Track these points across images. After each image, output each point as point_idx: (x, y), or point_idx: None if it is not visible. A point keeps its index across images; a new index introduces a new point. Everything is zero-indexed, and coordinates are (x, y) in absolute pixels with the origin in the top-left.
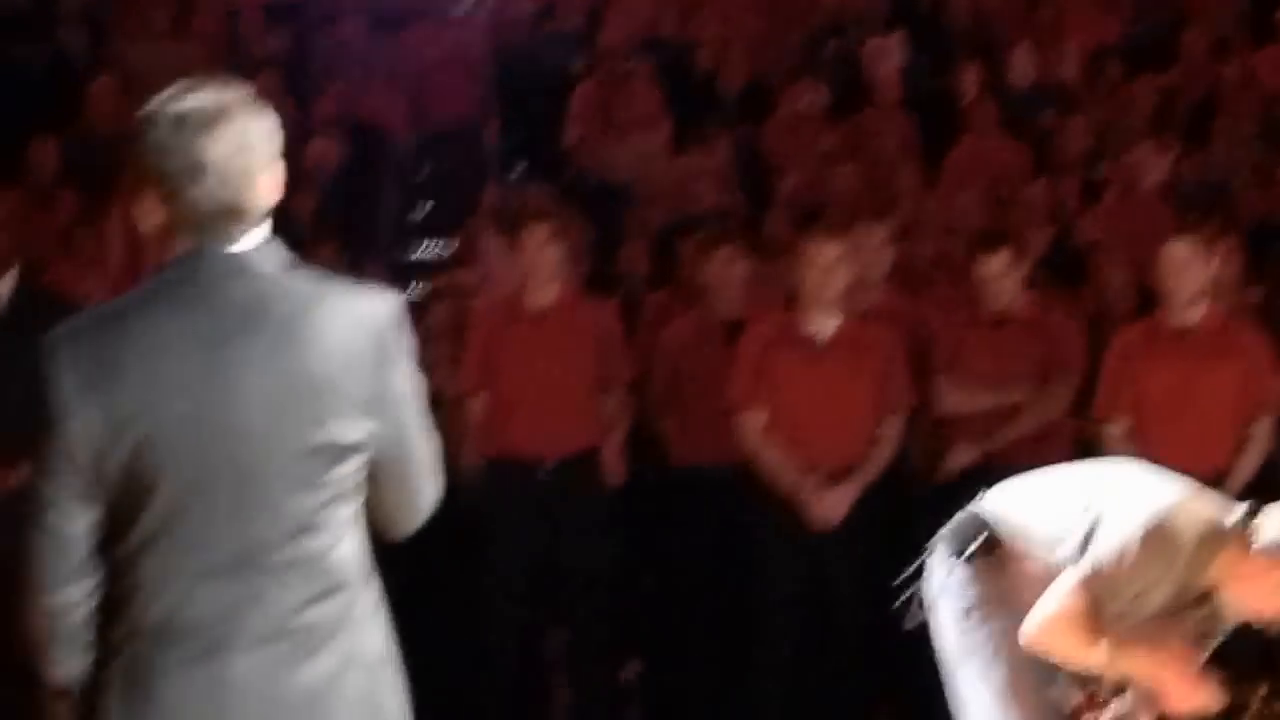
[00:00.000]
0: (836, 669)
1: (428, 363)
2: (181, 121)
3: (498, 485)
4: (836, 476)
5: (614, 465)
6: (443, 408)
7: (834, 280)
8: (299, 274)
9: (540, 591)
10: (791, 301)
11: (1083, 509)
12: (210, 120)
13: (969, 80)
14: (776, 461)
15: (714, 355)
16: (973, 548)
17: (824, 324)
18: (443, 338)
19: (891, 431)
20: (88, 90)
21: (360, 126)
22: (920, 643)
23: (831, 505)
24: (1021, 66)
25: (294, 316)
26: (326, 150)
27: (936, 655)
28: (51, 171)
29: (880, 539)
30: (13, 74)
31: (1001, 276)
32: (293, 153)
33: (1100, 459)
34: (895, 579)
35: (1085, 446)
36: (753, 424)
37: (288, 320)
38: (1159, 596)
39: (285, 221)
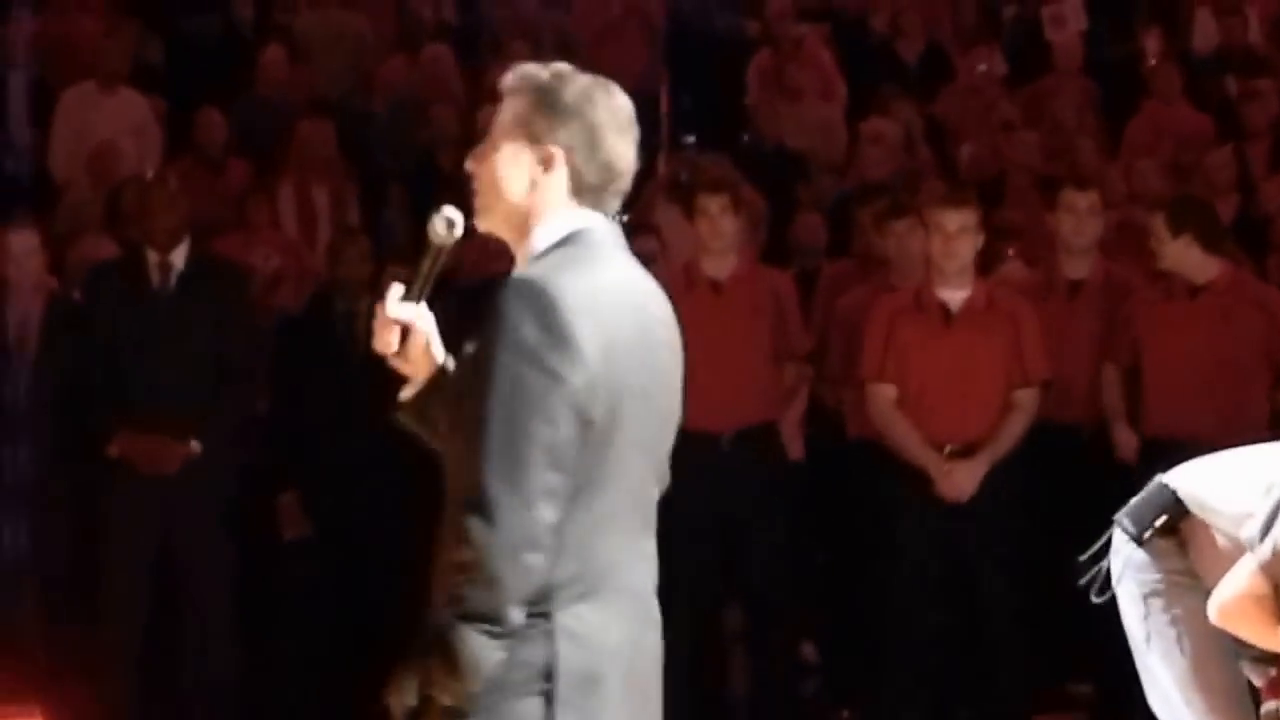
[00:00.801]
0: (989, 646)
1: None
2: (588, 92)
3: (677, 457)
4: (968, 449)
5: (793, 437)
6: None
7: (961, 249)
8: None
9: (722, 564)
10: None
11: (1265, 489)
12: (607, 94)
13: (1151, 46)
14: (906, 435)
15: None
16: (1155, 527)
17: (953, 294)
18: None
19: (1026, 403)
20: (257, 60)
21: None
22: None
23: (961, 480)
24: (1204, 31)
25: (657, 291)
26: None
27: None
28: (221, 141)
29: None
30: (185, 45)
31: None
32: (466, 122)
33: None
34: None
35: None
36: (883, 397)
37: (659, 294)
38: None
39: (460, 191)
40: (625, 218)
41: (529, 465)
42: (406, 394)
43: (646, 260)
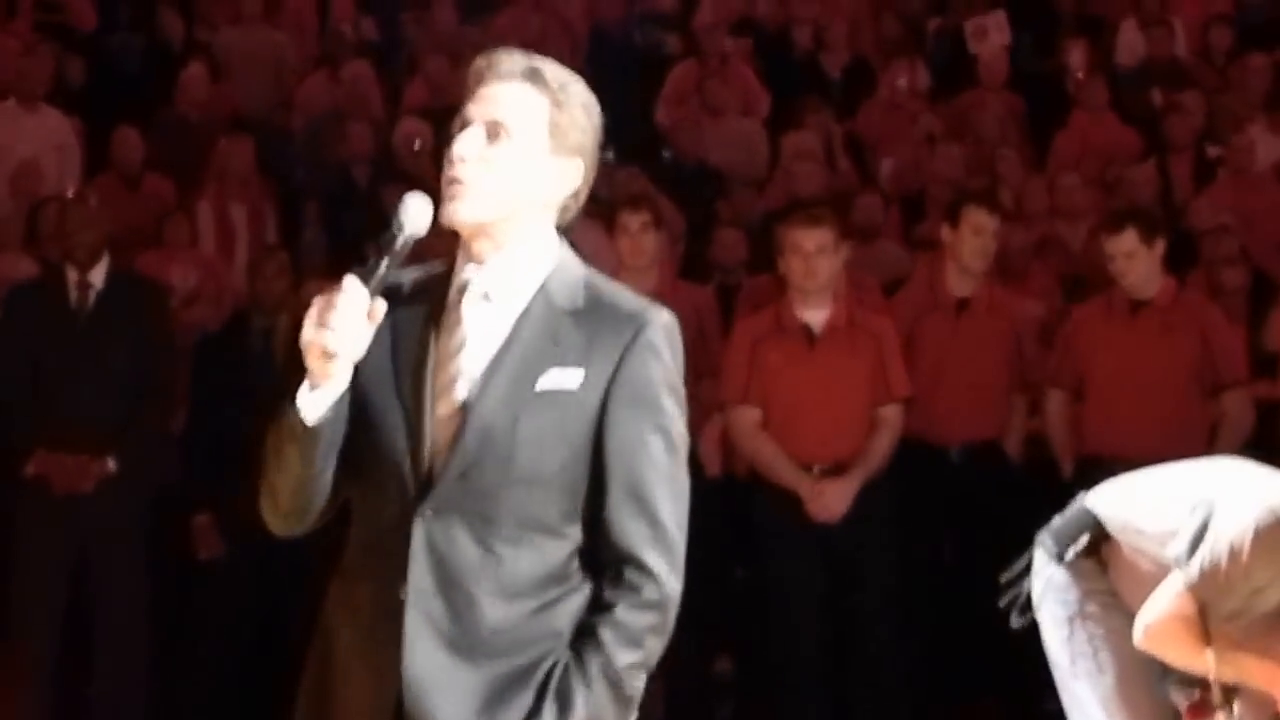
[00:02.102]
0: (868, 662)
1: None
2: (593, 105)
3: None
4: (837, 468)
5: (711, 455)
6: None
7: (820, 269)
8: None
9: None
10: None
11: (1191, 508)
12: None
13: (1075, 59)
14: (774, 457)
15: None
16: (1076, 548)
17: (814, 314)
18: None
19: (891, 419)
20: (176, 77)
21: (451, 111)
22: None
23: (832, 500)
24: (1129, 44)
25: None
26: (417, 135)
27: (1045, 653)
28: (139, 159)
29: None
30: (107, 63)
31: (1129, 256)
32: (383, 138)
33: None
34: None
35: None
36: (748, 419)
37: None
38: (1275, 595)
39: (377, 207)
40: None
41: (684, 519)
42: (316, 403)
43: None
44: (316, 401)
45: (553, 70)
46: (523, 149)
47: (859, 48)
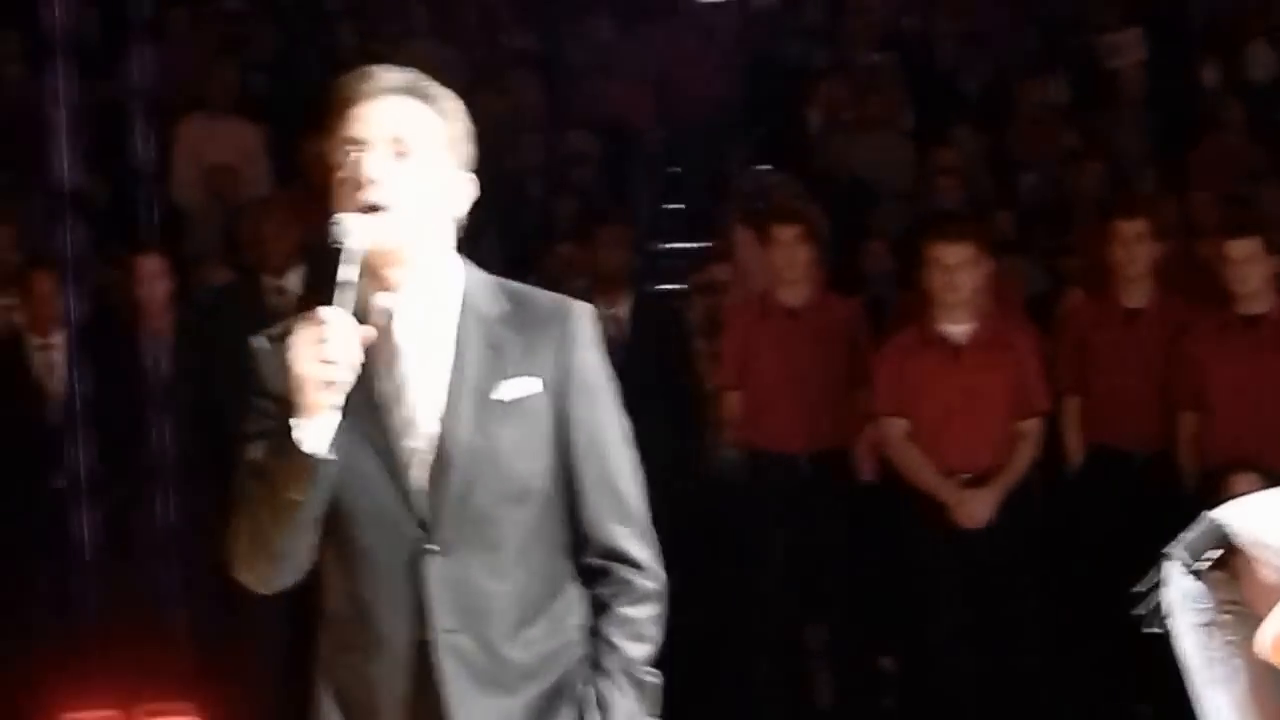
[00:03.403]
0: (1018, 664)
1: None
2: (467, 119)
3: (756, 478)
4: (980, 479)
5: (867, 459)
6: (703, 402)
7: (961, 282)
8: None
9: (801, 585)
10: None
11: None
12: None
13: (1209, 76)
14: (920, 466)
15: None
16: (1207, 560)
17: (957, 328)
18: (701, 333)
19: (1031, 433)
20: None
21: (610, 122)
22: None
23: (976, 507)
24: (1262, 61)
25: None
26: (580, 146)
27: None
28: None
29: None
30: (288, 74)
31: (1247, 263)
32: (548, 148)
33: None
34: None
35: None
36: (895, 430)
37: None
38: None
39: (544, 217)
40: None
41: (645, 500)
42: (319, 436)
43: (719, 288)
44: (318, 434)
45: (430, 83)
46: (428, 165)
47: (1000, 64)
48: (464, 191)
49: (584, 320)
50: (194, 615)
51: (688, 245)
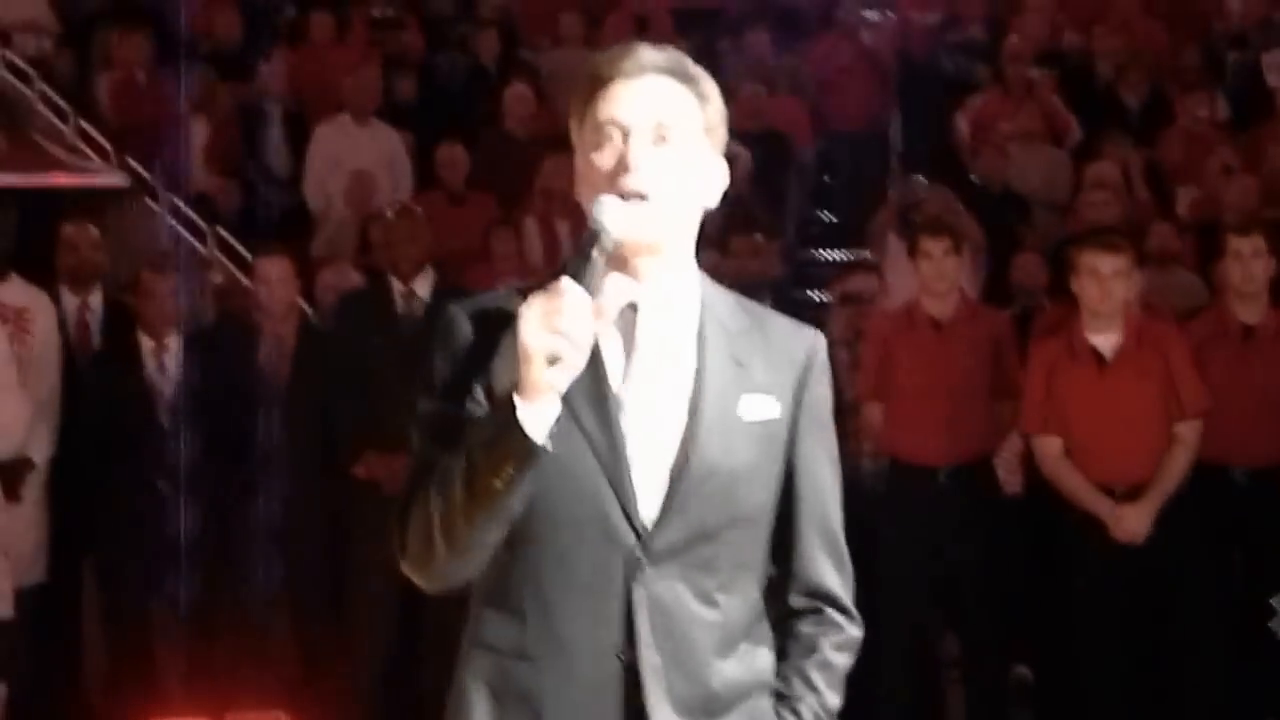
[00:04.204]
0: (1190, 687)
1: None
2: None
3: (896, 489)
4: (1137, 490)
5: (1012, 471)
6: (844, 412)
7: (1115, 292)
8: None
9: (936, 595)
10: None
11: None
12: None
13: None
14: (1076, 483)
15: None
16: None
17: (1105, 338)
18: (844, 343)
19: (1187, 436)
20: (501, 96)
21: (767, 132)
22: None
23: (1134, 522)
24: None
25: None
26: (734, 156)
27: None
28: (463, 175)
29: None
30: (432, 81)
31: None
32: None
33: None
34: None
35: None
36: (1050, 448)
37: None
38: None
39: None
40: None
41: None
42: (539, 420)
43: (866, 299)
44: (539, 418)
45: (691, 63)
46: (688, 152)
47: (1158, 79)
48: (718, 181)
49: (823, 350)
50: (295, 618)
51: (838, 255)
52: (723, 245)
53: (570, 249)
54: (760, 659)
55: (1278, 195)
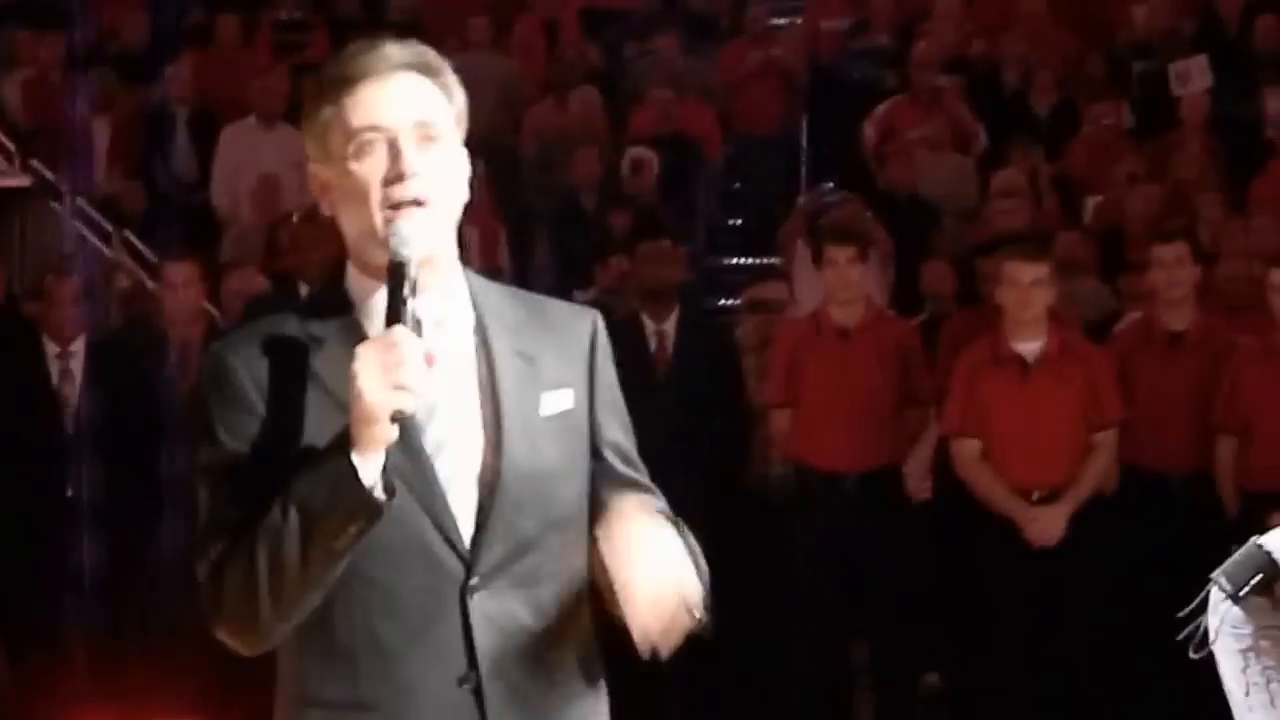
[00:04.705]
0: (1074, 683)
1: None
2: None
3: (804, 497)
4: (1053, 495)
5: (921, 479)
6: (752, 420)
7: (1036, 300)
8: None
9: (845, 602)
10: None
11: None
12: None
13: (1274, 105)
14: (992, 485)
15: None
16: (1251, 586)
17: (1029, 345)
18: (752, 350)
19: (1105, 444)
20: None
21: (676, 138)
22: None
23: (1048, 525)
24: None
25: None
26: (643, 162)
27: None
28: None
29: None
30: None
31: None
32: (610, 164)
33: None
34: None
35: None
36: (968, 451)
37: None
38: None
39: (603, 231)
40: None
41: None
42: (376, 474)
43: (775, 306)
44: (375, 472)
45: (433, 53)
46: (449, 149)
47: (1066, 87)
48: (466, 176)
49: (604, 330)
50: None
51: (747, 261)
52: (630, 251)
53: (478, 255)
54: (594, 671)
55: (1182, 204)
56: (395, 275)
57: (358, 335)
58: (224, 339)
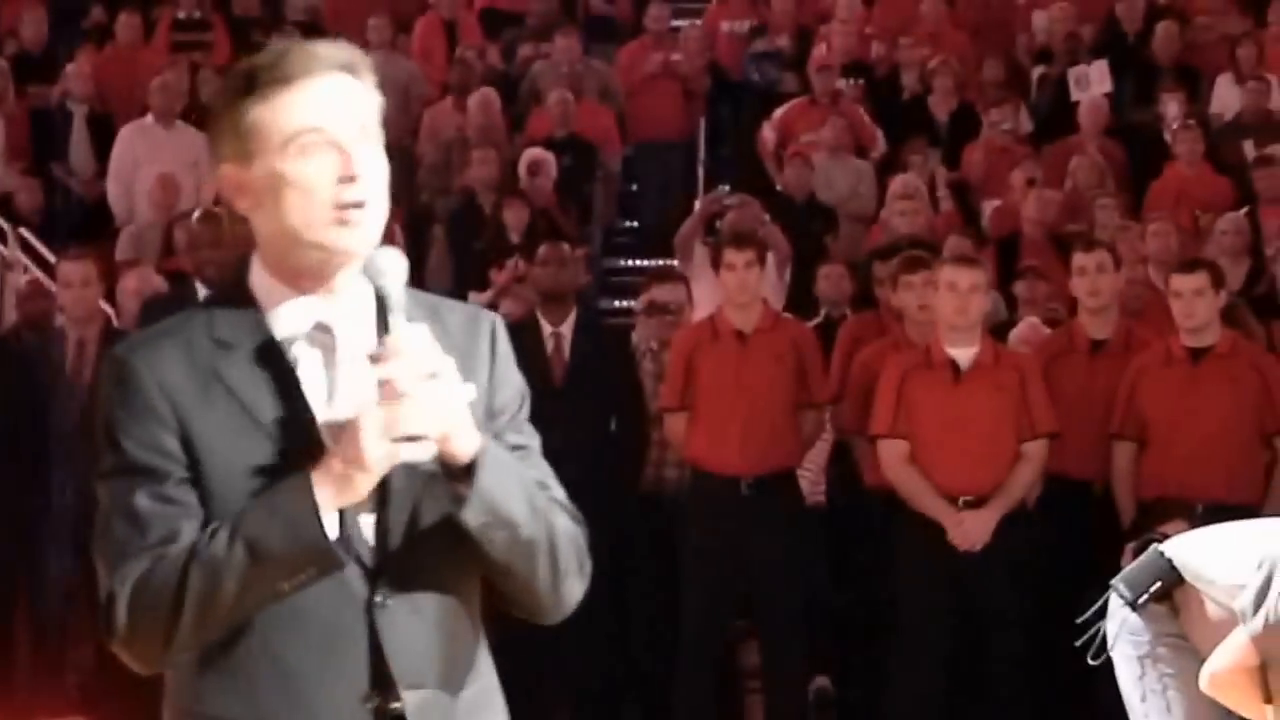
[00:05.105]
0: (993, 694)
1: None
2: None
3: (699, 499)
4: (980, 501)
5: (815, 483)
6: (648, 422)
7: (972, 307)
8: None
9: (737, 604)
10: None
11: (1258, 563)
12: None
13: (1172, 110)
14: (919, 488)
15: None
16: (1150, 593)
17: (962, 351)
18: (650, 353)
19: (1034, 455)
20: None
21: (574, 140)
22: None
23: (973, 529)
24: (1224, 97)
25: None
26: (540, 163)
27: (1119, 691)
28: None
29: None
30: None
31: (1194, 297)
32: (508, 165)
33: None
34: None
35: None
36: (895, 452)
37: None
38: None
39: (499, 233)
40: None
41: None
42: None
43: (672, 309)
44: (333, 519)
45: (357, 50)
46: (380, 152)
47: (965, 92)
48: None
49: (504, 332)
50: (93, 625)
51: (645, 264)
52: (527, 253)
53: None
54: (492, 680)
55: (1079, 209)
56: (380, 308)
57: (265, 338)
58: (127, 341)
